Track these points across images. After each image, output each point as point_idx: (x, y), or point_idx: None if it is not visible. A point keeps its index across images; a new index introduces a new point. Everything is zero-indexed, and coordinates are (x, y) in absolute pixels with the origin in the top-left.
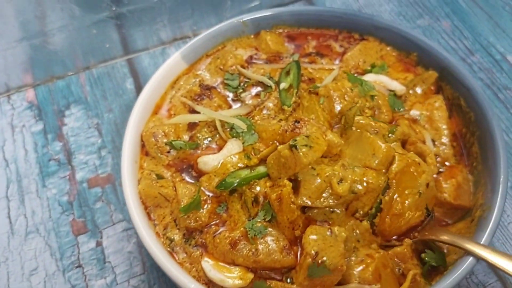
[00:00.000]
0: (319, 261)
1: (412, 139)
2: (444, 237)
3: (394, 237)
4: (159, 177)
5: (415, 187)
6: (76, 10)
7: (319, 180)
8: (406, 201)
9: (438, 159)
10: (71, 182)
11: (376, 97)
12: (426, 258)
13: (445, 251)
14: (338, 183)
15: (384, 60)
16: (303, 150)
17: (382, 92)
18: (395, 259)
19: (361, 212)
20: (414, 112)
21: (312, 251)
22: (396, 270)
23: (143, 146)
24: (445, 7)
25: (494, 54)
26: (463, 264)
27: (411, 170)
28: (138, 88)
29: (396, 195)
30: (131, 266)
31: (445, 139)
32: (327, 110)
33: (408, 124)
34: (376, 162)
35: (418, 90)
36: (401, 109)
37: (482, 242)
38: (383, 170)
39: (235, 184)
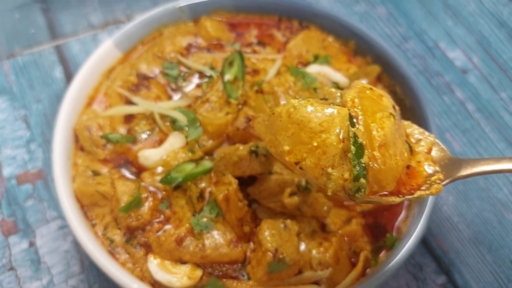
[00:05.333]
0: (280, 257)
1: None
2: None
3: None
4: (96, 173)
5: (383, 109)
6: None
7: (274, 183)
8: (384, 125)
9: None
10: None
11: (318, 90)
12: (387, 242)
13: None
14: (290, 195)
15: (327, 50)
16: (262, 159)
17: (326, 83)
18: (345, 238)
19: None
20: None
21: (272, 248)
22: (348, 249)
23: (76, 141)
24: None
25: (426, 41)
26: (403, 246)
27: (367, 94)
28: (69, 77)
29: (370, 122)
30: (69, 265)
31: None
32: (274, 107)
33: None
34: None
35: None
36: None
37: (420, 224)
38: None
39: (180, 180)
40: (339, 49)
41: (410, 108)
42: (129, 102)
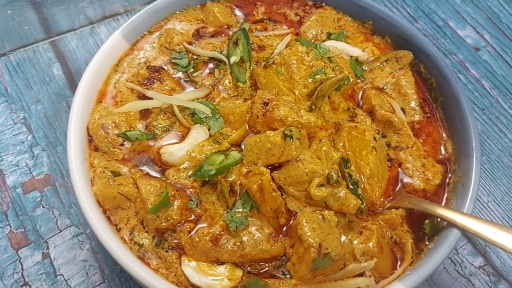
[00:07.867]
0: (324, 253)
1: (381, 112)
2: (414, 204)
3: (386, 202)
4: (115, 174)
5: (367, 145)
6: None
7: (302, 171)
8: (369, 160)
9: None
10: (1, 188)
11: (334, 59)
12: (426, 229)
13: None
14: (317, 186)
15: (343, 30)
16: (296, 143)
17: (342, 56)
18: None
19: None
20: (380, 81)
21: (315, 244)
22: (389, 238)
23: (90, 140)
24: None
25: (436, 21)
26: (450, 236)
27: (353, 134)
28: (68, 74)
29: (359, 161)
30: (88, 276)
31: (414, 104)
32: (287, 78)
33: (376, 93)
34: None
35: (388, 67)
36: (361, 77)
37: (465, 210)
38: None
39: (214, 172)
40: (356, 28)
41: (437, 88)
42: (142, 96)
